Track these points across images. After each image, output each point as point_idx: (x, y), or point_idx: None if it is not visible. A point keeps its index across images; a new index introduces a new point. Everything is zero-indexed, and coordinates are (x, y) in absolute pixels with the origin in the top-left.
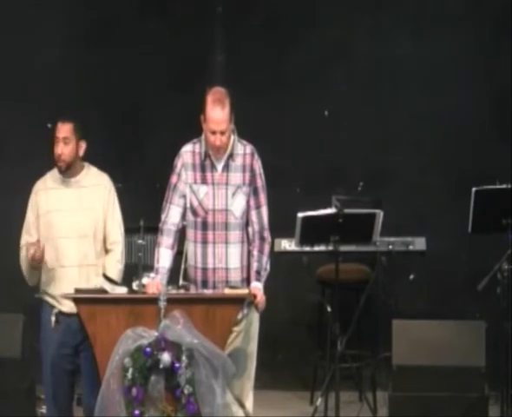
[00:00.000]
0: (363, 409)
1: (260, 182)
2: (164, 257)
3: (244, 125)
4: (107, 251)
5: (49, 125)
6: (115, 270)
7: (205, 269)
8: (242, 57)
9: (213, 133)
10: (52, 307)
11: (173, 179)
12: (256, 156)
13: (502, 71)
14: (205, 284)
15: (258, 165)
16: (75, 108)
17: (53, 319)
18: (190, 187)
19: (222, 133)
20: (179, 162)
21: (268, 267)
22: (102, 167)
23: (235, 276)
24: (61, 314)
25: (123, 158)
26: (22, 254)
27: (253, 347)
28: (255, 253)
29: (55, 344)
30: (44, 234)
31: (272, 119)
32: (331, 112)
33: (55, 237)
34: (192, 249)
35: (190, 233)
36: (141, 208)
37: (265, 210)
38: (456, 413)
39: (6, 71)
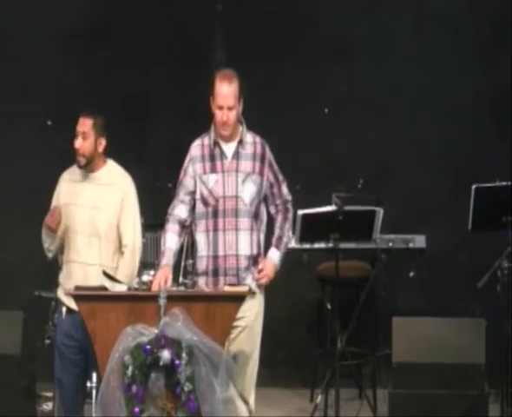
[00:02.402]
0: (363, 407)
1: (276, 167)
2: (170, 240)
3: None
4: (122, 253)
5: (49, 123)
6: (124, 274)
7: (215, 257)
8: (242, 56)
9: (221, 108)
10: (62, 303)
11: (180, 175)
12: (267, 147)
13: (502, 70)
14: (216, 272)
15: (270, 154)
16: (75, 107)
17: (64, 310)
18: (200, 178)
19: (229, 109)
20: (186, 158)
21: (290, 234)
22: None
23: (245, 263)
24: (69, 310)
25: (123, 158)
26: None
27: (257, 344)
28: (279, 218)
29: (62, 334)
30: (62, 225)
31: (272, 117)
32: (331, 111)
33: (69, 231)
34: (203, 239)
35: (201, 224)
36: (141, 207)
37: (284, 187)
38: (455, 410)
39: (6, 71)
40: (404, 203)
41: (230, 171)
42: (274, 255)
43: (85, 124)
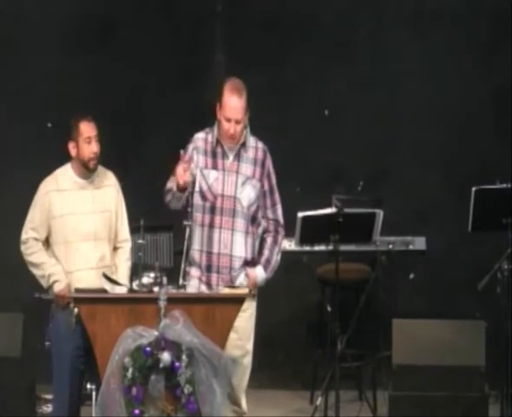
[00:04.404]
0: (363, 408)
1: (274, 180)
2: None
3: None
4: (115, 249)
5: (49, 125)
6: (126, 268)
7: (209, 253)
8: (242, 57)
9: (228, 121)
10: (70, 310)
11: (184, 159)
12: (268, 155)
13: (502, 71)
14: (209, 269)
15: (270, 163)
16: (75, 108)
17: (73, 320)
18: (200, 171)
19: (237, 122)
20: (190, 146)
21: (279, 258)
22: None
23: (239, 264)
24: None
25: (123, 158)
26: (28, 249)
27: (249, 346)
28: (269, 240)
29: (73, 346)
30: (59, 236)
31: (272, 119)
32: (331, 112)
33: (71, 241)
34: (198, 233)
35: (198, 217)
36: (141, 208)
37: (280, 208)
38: (455, 412)
39: (6, 72)
40: (404, 205)
41: (230, 171)
42: (260, 275)
43: (94, 128)
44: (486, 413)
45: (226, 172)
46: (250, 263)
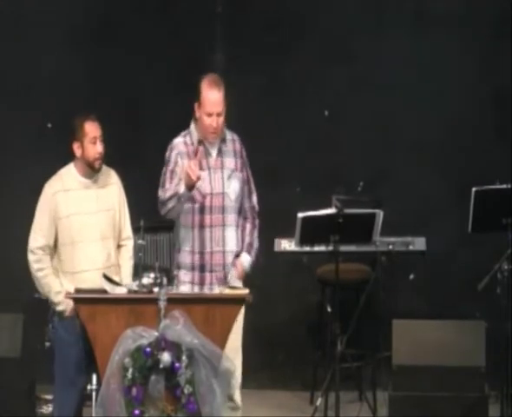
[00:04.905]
0: (363, 409)
1: (249, 169)
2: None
3: (244, 125)
4: (118, 246)
5: (49, 125)
6: (129, 267)
7: (202, 253)
8: (242, 57)
9: (210, 115)
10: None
11: (169, 166)
12: (242, 145)
13: (502, 71)
14: (202, 268)
15: (245, 153)
16: (75, 108)
17: (78, 323)
18: None
19: (218, 115)
20: (173, 152)
21: (257, 243)
22: None
23: (231, 259)
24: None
25: (123, 158)
26: (37, 263)
27: (239, 342)
28: (248, 226)
29: (77, 348)
30: (65, 237)
31: (272, 119)
32: (331, 112)
33: (77, 241)
34: (188, 235)
35: (187, 218)
36: (141, 209)
37: (255, 195)
38: (456, 412)
39: (7, 72)
40: (404, 206)
41: (216, 168)
42: (245, 260)
43: (98, 127)
44: (486, 413)
45: (212, 170)
46: (236, 255)
